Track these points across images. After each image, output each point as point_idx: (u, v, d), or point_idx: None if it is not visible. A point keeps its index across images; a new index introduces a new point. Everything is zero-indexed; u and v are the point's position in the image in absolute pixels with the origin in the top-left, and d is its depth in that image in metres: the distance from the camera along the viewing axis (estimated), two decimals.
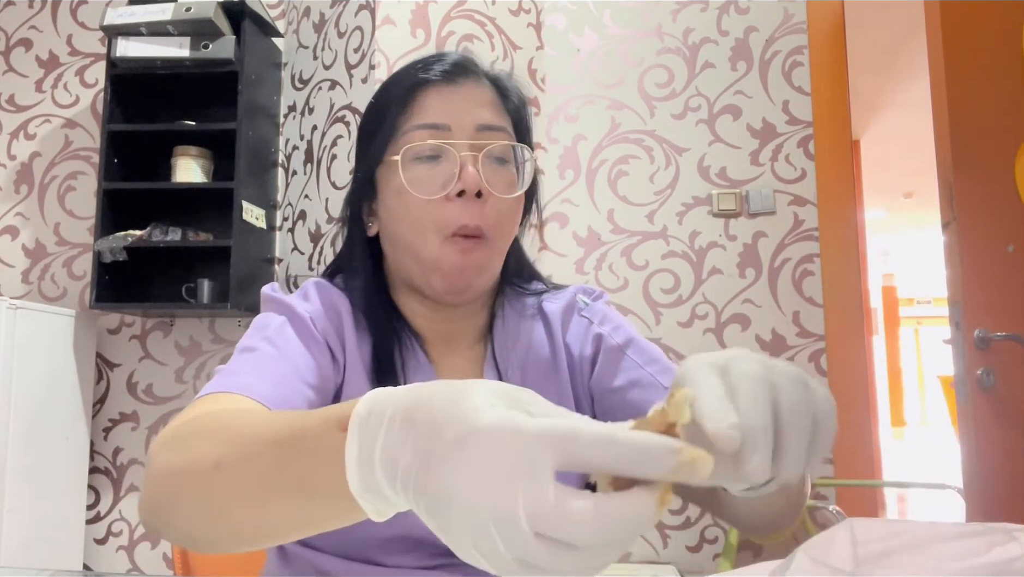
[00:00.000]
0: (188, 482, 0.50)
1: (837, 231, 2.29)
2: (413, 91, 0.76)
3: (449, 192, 0.73)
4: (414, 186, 0.73)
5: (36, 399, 2.14)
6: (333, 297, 0.78)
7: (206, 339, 2.51)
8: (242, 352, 0.70)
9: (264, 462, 0.45)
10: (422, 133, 0.74)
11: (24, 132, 2.64)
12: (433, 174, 0.74)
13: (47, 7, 2.69)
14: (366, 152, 0.80)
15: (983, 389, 1.65)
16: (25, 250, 2.60)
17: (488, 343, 0.82)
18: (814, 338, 2.26)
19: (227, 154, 2.30)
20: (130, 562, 2.44)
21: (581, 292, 0.87)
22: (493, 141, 0.75)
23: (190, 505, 0.50)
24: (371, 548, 0.72)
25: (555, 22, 2.47)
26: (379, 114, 0.78)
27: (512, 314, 0.84)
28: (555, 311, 0.85)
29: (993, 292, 1.69)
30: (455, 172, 0.73)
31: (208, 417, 0.55)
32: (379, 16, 2.10)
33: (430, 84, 0.77)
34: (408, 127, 0.75)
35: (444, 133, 0.74)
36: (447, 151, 0.74)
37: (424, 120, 0.75)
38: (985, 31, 1.75)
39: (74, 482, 2.31)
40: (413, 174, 0.74)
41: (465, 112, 0.76)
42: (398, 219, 0.76)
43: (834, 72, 2.36)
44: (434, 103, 0.76)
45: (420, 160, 0.74)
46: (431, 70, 0.77)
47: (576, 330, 0.84)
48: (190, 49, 2.27)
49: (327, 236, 2.24)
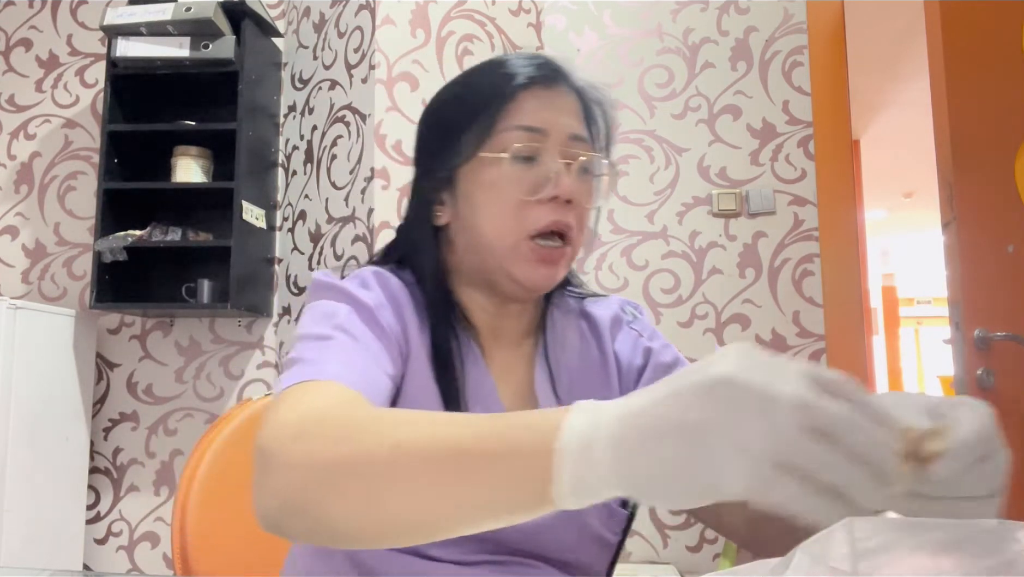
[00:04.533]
0: (357, 474, 0.49)
1: (837, 231, 2.29)
2: (515, 91, 0.76)
3: (542, 196, 0.74)
4: (510, 185, 0.75)
5: (36, 399, 2.14)
6: (393, 286, 0.77)
7: (206, 339, 2.50)
8: (317, 340, 0.68)
9: (450, 468, 0.46)
10: (520, 134, 0.75)
11: (24, 132, 2.64)
12: (527, 176, 0.75)
13: (47, 7, 2.69)
14: (450, 144, 0.79)
15: (983, 389, 1.65)
16: (25, 250, 2.60)
17: (536, 339, 0.84)
18: (814, 338, 2.26)
19: (227, 154, 2.30)
20: (130, 562, 2.44)
21: (625, 304, 0.90)
22: (582, 151, 0.77)
23: (356, 498, 0.48)
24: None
25: (555, 22, 2.47)
26: (471, 109, 0.78)
27: (559, 314, 0.86)
28: (603, 318, 0.87)
29: (993, 292, 1.69)
30: (550, 177, 0.74)
31: (350, 407, 0.55)
32: (379, 16, 2.10)
33: (531, 86, 0.77)
34: (505, 126, 0.76)
35: (540, 137, 0.75)
36: (542, 155, 0.75)
37: (523, 122, 0.76)
38: (985, 31, 1.75)
39: (74, 482, 2.31)
40: (507, 173, 0.75)
41: (560, 119, 0.77)
42: (482, 215, 0.76)
43: (834, 72, 2.36)
44: (533, 106, 0.76)
45: (516, 160, 0.75)
46: (532, 72, 0.77)
47: (625, 340, 0.87)
48: (190, 49, 2.27)
49: (327, 236, 2.24)
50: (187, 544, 0.91)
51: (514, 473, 0.44)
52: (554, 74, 0.78)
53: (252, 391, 2.47)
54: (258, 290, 2.39)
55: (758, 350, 0.40)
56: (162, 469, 2.47)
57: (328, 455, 0.50)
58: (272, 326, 2.49)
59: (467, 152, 0.77)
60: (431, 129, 0.83)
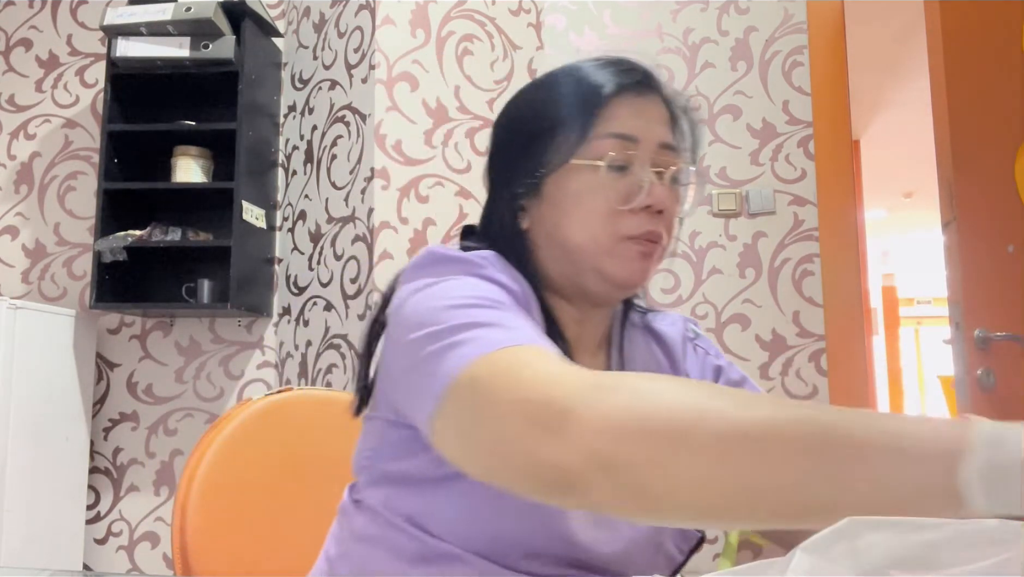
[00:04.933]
0: (715, 440, 0.45)
1: (837, 231, 2.29)
2: (607, 98, 0.75)
3: (635, 206, 0.73)
4: (603, 193, 0.74)
5: (36, 399, 2.14)
6: (518, 278, 0.74)
7: (206, 339, 2.50)
8: (479, 308, 0.62)
9: (841, 450, 0.43)
10: (613, 142, 0.74)
11: (24, 132, 2.64)
12: (620, 185, 0.74)
13: (47, 7, 2.69)
14: (538, 152, 0.77)
15: (983, 389, 1.65)
16: (25, 250, 2.60)
17: (609, 350, 0.83)
18: (814, 338, 2.26)
19: (227, 154, 2.30)
20: (130, 562, 2.44)
21: (688, 321, 0.90)
22: (671, 159, 0.76)
23: (696, 465, 0.46)
24: (505, 545, 0.68)
25: (555, 22, 2.47)
26: (561, 116, 0.76)
27: (630, 327, 0.85)
28: (674, 336, 0.87)
29: (993, 292, 1.69)
30: (642, 186, 0.73)
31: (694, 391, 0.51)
32: (379, 16, 2.10)
33: (624, 92, 0.75)
34: (598, 133, 0.74)
35: (632, 145, 0.74)
36: (633, 163, 0.74)
37: (616, 130, 0.74)
38: (985, 31, 1.75)
39: (74, 482, 2.31)
40: (601, 181, 0.74)
41: (651, 127, 0.76)
42: (572, 222, 0.75)
43: (834, 72, 2.36)
44: (626, 113, 0.75)
45: (610, 169, 0.74)
46: (625, 78, 0.76)
47: (694, 359, 0.86)
48: (190, 49, 2.27)
49: (327, 236, 2.24)
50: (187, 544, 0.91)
51: (924, 461, 0.42)
52: (645, 81, 0.77)
53: (252, 391, 2.47)
54: (258, 290, 2.39)
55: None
56: (162, 469, 2.47)
57: (666, 414, 0.47)
58: (272, 326, 2.49)
59: (557, 160, 0.75)
60: (514, 136, 0.80)
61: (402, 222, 2.07)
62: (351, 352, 2.09)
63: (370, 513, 0.73)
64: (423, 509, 0.68)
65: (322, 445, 1.04)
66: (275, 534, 0.99)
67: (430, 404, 0.58)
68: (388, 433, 0.71)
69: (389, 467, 0.72)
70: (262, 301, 2.42)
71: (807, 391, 2.23)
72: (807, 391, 2.23)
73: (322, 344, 2.22)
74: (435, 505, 0.68)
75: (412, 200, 2.09)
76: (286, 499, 1.01)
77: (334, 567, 0.75)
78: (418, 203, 2.10)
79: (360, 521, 0.74)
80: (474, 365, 0.56)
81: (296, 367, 2.34)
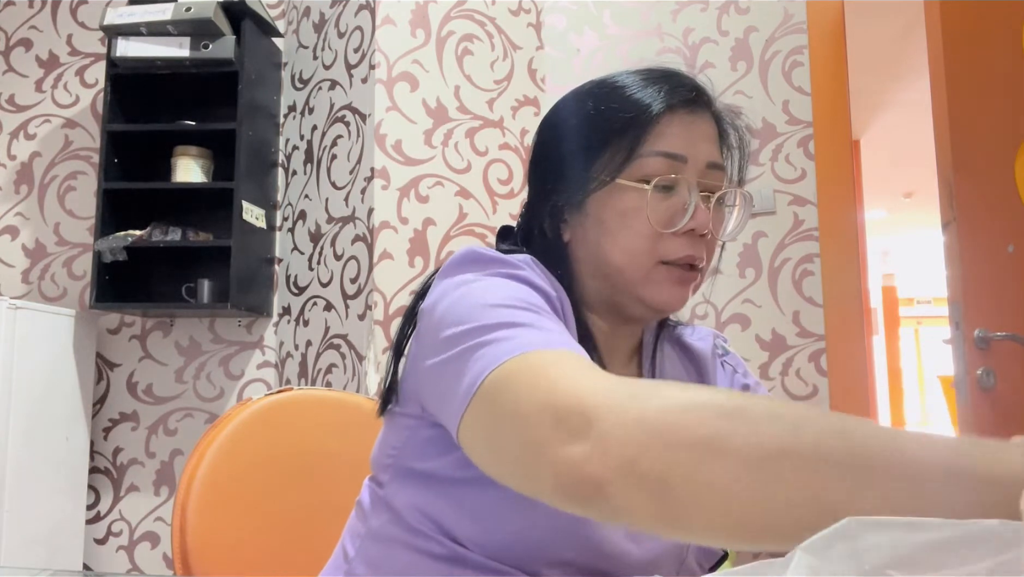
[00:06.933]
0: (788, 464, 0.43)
1: (837, 231, 2.29)
2: (658, 116, 0.73)
3: (679, 229, 0.72)
4: (647, 214, 0.71)
5: (36, 399, 2.14)
6: (555, 284, 0.73)
7: (206, 339, 2.50)
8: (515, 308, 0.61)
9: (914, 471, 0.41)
10: (661, 162, 0.72)
11: (24, 132, 2.64)
12: (665, 205, 0.72)
13: (47, 7, 2.69)
14: (584, 168, 0.74)
15: (983, 389, 1.65)
16: (25, 250, 2.60)
17: (640, 361, 0.82)
18: (814, 338, 2.25)
19: (227, 154, 2.30)
20: (130, 562, 2.44)
21: (717, 336, 0.89)
22: (719, 180, 0.75)
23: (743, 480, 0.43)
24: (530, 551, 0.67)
25: (555, 22, 2.47)
26: (608, 132, 0.74)
27: (663, 339, 0.85)
28: (703, 351, 0.86)
29: (993, 292, 1.69)
30: (686, 208, 0.72)
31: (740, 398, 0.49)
32: (379, 16, 2.10)
33: (675, 109, 0.73)
34: (646, 151, 0.72)
35: (680, 164, 0.72)
36: (679, 184, 0.72)
37: (665, 148, 0.72)
38: (985, 31, 1.75)
39: (74, 482, 2.31)
40: (644, 202, 0.72)
41: (700, 145, 0.74)
42: (613, 240, 0.73)
43: (834, 72, 2.35)
44: (676, 131, 0.73)
45: (656, 189, 0.72)
46: (676, 94, 0.74)
47: (722, 375, 0.86)
48: (190, 49, 2.27)
49: (327, 236, 2.24)
50: (187, 544, 0.91)
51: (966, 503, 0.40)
52: (696, 97, 0.75)
53: (252, 391, 2.47)
54: (258, 290, 2.39)
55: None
56: (162, 469, 2.47)
57: (695, 423, 0.45)
58: (272, 326, 2.49)
59: (603, 177, 0.73)
60: (557, 150, 0.78)
61: (402, 222, 2.07)
62: (351, 352, 2.09)
63: (392, 513, 0.72)
64: (447, 511, 0.68)
65: (322, 445, 1.04)
66: (275, 534, 0.99)
67: (459, 403, 0.57)
68: (418, 431, 0.70)
69: (415, 465, 0.70)
70: (262, 301, 2.42)
71: (807, 391, 2.23)
72: (807, 391, 2.23)
73: (322, 344, 2.22)
74: (460, 507, 0.67)
75: (412, 200, 2.09)
76: (286, 499, 1.01)
77: (352, 567, 0.74)
78: (418, 203, 2.10)
79: (381, 520, 0.73)
80: (505, 365, 0.55)
81: (296, 367, 2.34)
